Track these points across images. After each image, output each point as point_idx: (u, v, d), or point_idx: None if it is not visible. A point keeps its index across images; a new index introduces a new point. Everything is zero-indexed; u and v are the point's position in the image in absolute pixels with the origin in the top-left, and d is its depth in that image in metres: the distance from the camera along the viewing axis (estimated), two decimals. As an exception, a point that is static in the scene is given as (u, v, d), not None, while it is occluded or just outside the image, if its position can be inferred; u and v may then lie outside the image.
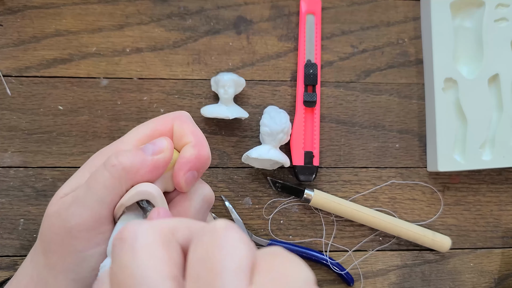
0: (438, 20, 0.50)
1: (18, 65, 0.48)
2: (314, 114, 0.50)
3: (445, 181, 0.51)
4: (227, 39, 0.50)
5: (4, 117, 0.47)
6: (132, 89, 0.49)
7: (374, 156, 0.51)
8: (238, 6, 0.51)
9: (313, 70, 0.49)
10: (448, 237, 0.49)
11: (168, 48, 0.50)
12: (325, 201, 0.48)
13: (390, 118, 0.51)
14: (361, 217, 0.48)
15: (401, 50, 0.52)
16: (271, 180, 0.48)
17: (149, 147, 0.28)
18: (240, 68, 0.50)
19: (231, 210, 0.48)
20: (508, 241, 0.51)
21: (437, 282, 0.50)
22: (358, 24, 0.52)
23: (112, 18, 0.49)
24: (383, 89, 0.51)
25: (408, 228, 0.48)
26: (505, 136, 0.49)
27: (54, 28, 0.48)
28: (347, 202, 0.48)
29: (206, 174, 0.48)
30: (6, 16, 0.48)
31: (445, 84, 0.49)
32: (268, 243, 0.48)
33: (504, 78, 0.50)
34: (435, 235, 0.49)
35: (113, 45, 0.49)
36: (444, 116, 0.49)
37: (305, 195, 0.47)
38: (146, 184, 0.28)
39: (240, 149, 0.49)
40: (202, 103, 0.49)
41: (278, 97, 0.50)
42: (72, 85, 0.48)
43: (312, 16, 0.51)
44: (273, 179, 0.48)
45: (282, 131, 0.46)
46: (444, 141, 0.49)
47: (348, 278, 0.48)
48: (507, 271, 0.51)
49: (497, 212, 0.51)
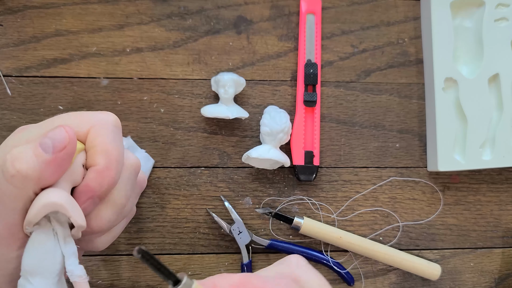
0: (438, 20, 0.50)
1: (18, 65, 0.48)
2: (314, 114, 0.49)
3: (445, 180, 0.51)
4: (227, 39, 0.50)
5: (4, 117, 0.47)
6: (132, 89, 0.49)
7: (374, 156, 0.51)
8: (238, 6, 0.51)
9: (313, 69, 0.49)
10: (439, 265, 0.48)
11: (168, 48, 0.50)
12: (314, 229, 0.47)
13: (390, 118, 0.51)
14: (350, 246, 0.48)
15: (401, 50, 0.52)
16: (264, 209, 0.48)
17: (48, 143, 0.25)
18: (240, 68, 0.50)
19: (230, 210, 0.48)
20: (508, 240, 0.51)
21: (437, 282, 0.50)
22: (358, 24, 0.52)
23: (112, 18, 0.49)
24: (383, 89, 0.51)
25: (398, 256, 0.48)
26: (505, 136, 0.49)
27: (54, 28, 0.48)
28: (337, 230, 0.48)
29: (206, 174, 0.49)
30: (6, 16, 0.48)
31: (445, 84, 0.49)
32: (269, 243, 0.48)
33: (504, 78, 0.50)
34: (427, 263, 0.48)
35: (113, 45, 0.49)
36: (444, 116, 0.49)
37: (295, 223, 0.47)
38: (51, 193, 0.25)
39: (240, 149, 0.49)
40: (202, 103, 0.49)
41: (278, 97, 0.50)
42: (72, 85, 0.48)
43: (312, 15, 0.51)
44: (267, 208, 0.48)
45: (282, 131, 0.46)
46: (444, 141, 0.49)
47: (348, 278, 0.48)
48: (507, 271, 0.51)
49: (497, 212, 0.51)
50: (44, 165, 0.25)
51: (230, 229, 0.47)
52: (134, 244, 0.47)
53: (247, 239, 0.47)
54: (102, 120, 0.28)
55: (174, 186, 0.48)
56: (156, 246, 0.48)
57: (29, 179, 0.25)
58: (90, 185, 0.27)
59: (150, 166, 0.47)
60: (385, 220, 0.50)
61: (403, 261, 0.48)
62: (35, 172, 0.25)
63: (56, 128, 0.26)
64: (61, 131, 0.26)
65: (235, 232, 0.47)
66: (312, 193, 0.49)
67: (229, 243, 0.48)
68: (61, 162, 0.26)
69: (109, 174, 0.27)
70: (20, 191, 0.25)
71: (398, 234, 0.50)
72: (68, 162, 0.26)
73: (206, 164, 0.49)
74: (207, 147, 0.49)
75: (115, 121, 0.29)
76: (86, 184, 0.27)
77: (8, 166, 0.24)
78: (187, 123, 0.49)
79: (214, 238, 0.48)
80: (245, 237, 0.47)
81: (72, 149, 0.26)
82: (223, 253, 0.48)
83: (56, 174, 0.26)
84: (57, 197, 0.25)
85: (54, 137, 0.25)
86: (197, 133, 0.49)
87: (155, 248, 0.48)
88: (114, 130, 0.29)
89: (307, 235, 0.48)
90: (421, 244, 0.50)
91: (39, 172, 0.25)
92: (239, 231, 0.47)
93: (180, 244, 0.48)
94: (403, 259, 0.48)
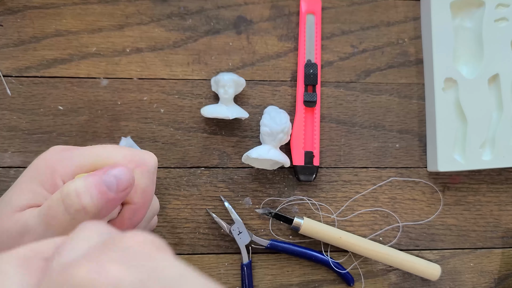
0: (438, 20, 0.50)
1: (18, 65, 0.48)
2: (314, 114, 0.49)
3: (445, 181, 0.51)
4: (227, 39, 0.50)
5: (4, 117, 0.47)
6: (132, 89, 0.49)
7: (374, 156, 0.51)
8: (238, 6, 0.51)
9: (313, 70, 0.49)
10: (438, 266, 0.49)
11: (168, 48, 0.49)
12: (314, 230, 0.47)
13: (390, 118, 0.51)
14: (350, 246, 0.48)
15: (401, 50, 0.52)
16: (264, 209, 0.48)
17: (113, 182, 0.25)
18: (240, 68, 0.50)
19: (230, 210, 0.48)
20: (508, 241, 0.51)
21: (437, 282, 0.50)
22: (358, 24, 0.52)
23: (112, 18, 0.49)
24: (383, 89, 0.51)
25: (398, 257, 0.48)
26: (505, 136, 0.49)
27: (54, 28, 0.48)
28: (337, 230, 0.48)
29: (206, 174, 0.49)
30: (6, 16, 0.48)
31: (445, 84, 0.49)
32: (269, 243, 0.48)
33: (504, 78, 0.50)
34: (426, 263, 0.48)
35: (113, 45, 0.49)
36: (444, 116, 0.49)
37: (294, 224, 0.47)
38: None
39: (240, 149, 0.49)
40: (202, 103, 0.49)
41: (278, 97, 0.50)
42: (72, 85, 0.48)
43: (312, 16, 0.51)
44: (267, 208, 0.48)
45: (282, 131, 0.46)
46: (444, 141, 0.49)
47: (348, 278, 0.48)
48: (507, 271, 0.51)
49: (497, 212, 0.51)
50: (105, 203, 0.25)
51: (230, 229, 0.47)
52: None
53: (247, 239, 0.47)
54: (148, 161, 0.29)
55: (174, 186, 0.48)
56: (156, 246, 0.48)
57: (90, 214, 0.25)
58: (124, 222, 0.28)
59: (150, 166, 0.47)
60: (385, 221, 0.50)
61: (403, 262, 0.48)
62: (97, 209, 0.25)
63: (118, 167, 0.26)
64: (126, 172, 0.26)
65: (235, 232, 0.47)
66: (312, 193, 0.49)
67: (229, 243, 0.48)
68: (119, 201, 0.26)
69: (141, 213, 0.28)
70: (74, 223, 0.25)
71: (398, 234, 0.50)
72: (122, 200, 0.27)
73: (206, 164, 0.49)
74: (207, 147, 0.49)
75: (156, 162, 0.30)
76: (121, 220, 0.28)
77: (73, 200, 0.25)
78: (187, 123, 0.49)
79: (214, 238, 0.48)
80: (245, 237, 0.47)
81: (131, 190, 0.27)
82: (223, 253, 0.48)
83: (110, 211, 0.26)
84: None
85: (119, 177, 0.26)
86: (197, 133, 0.49)
87: (155, 248, 0.48)
88: (154, 172, 0.29)
89: (307, 235, 0.48)
90: (421, 244, 0.50)
91: (100, 209, 0.25)
92: (239, 231, 0.47)
93: (180, 244, 0.48)
94: (403, 260, 0.48)
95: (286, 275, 0.49)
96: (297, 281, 0.49)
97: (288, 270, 0.49)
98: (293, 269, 0.49)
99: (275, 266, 0.49)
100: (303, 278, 0.49)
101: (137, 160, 0.28)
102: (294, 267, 0.49)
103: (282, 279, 0.49)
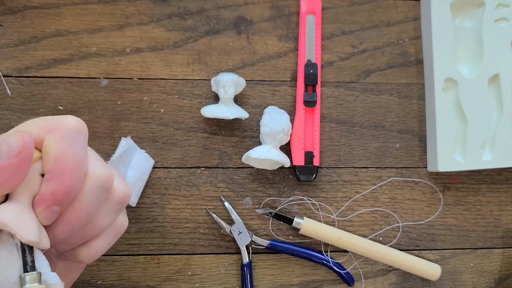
0: (438, 20, 0.50)
1: (18, 65, 0.48)
2: (314, 114, 0.50)
3: (445, 181, 0.51)
4: (227, 39, 0.50)
5: (4, 117, 0.47)
6: (132, 89, 0.49)
7: (374, 156, 0.51)
8: (238, 6, 0.51)
9: (313, 70, 0.49)
10: (438, 266, 0.49)
11: (168, 48, 0.49)
12: (314, 230, 0.47)
13: (390, 118, 0.51)
14: (350, 246, 0.48)
15: (401, 50, 0.52)
16: (264, 209, 0.48)
17: (3, 148, 0.24)
18: (240, 68, 0.50)
19: (230, 210, 0.48)
20: (508, 241, 0.51)
21: (437, 282, 0.50)
22: (358, 24, 0.52)
23: (112, 18, 0.49)
24: (383, 89, 0.51)
25: (398, 257, 0.48)
26: (505, 136, 0.49)
27: (54, 28, 0.48)
28: (337, 230, 0.48)
29: (206, 175, 0.49)
30: (6, 16, 0.48)
31: (445, 84, 0.49)
32: (269, 243, 0.48)
33: (504, 78, 0.50)
34: (427, 263, 0.48)
35: (113, 45, 0.49)
36: (444, 116, 0.49)
37: (295, 224, 0.47)
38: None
39: (240, 149, 0.49)
40: (202, 103, 0.49)
41: (278, 97, 0.50)
42: (72, 85, 0.48)
43: (312, 16, 0.51)
44: (267, 208, 0.48)
45: (282, 131, 0.46)
46: (444, 141, 0.49)
47: (348, 278, 0.48)
48: (507, 271, 0.51)
49: (497, 212, 0.51)
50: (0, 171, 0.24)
51: (230, 229, 0.47)
52: (134, 244, 0.47)
53: (247, 240, 0.47)
54: (59, 124, 0.27)
55: (174, 186, 0.48)
56: (156, 246, 0.48)
57: None
58: (43, 194, 0.26)
59: (150, 166, 0.47)
60: (385, 221, 0.50)
61: (403, 262, 0.48)
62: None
63: (13, 134, 0.25)
64: (17, 137, 0.25)
65: (235, 233, 0.47)
66: (312, 193, 0.49)
67: (229, 243, 0.48)
68: (16, 168, 0.25)
69: (62, 182, 0.26)
70: None
71: (398, 234, 0.50)
72: (24, 169, 0.25)
73: (206, 165, 0.49)
74: (207, 148, 0.49)
75: (74, 125, 0.27)
76: (40, 193, 0.26)
77: None
78: (187, 123, 0.49)
79: (214, 238, 0.48)
80: (245, 237, 0.47)
81: (27, 156, 0.25)
82: (223, 253, 0.48)
83: (12, 181, 0.25)
84: (4, 216, 0.24)
85: (9, 143, 0.25)
86: (197, 134, 0.49)
87: (155, 248, 0.48)
88: (72, 135, 0.27)
89: (307, 235, 0.48)
90: (421, 244, 0.50)
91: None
92: (239, 231, 0.47)
93: (180, 244, 0.48)
94: (403, 260, 0.48)
95: (286, 275, 0.49)
96: (297, 281, 0.49)
97: (288, 270, 0.49)
98: (293, 269, 0.49)
99: (275, 266, 0.49)
100: (303, 278, 0.49)
101: (49, 126, 0.27)
102: (294, 267, 0.49)
103: (282, 279, 0.49)
